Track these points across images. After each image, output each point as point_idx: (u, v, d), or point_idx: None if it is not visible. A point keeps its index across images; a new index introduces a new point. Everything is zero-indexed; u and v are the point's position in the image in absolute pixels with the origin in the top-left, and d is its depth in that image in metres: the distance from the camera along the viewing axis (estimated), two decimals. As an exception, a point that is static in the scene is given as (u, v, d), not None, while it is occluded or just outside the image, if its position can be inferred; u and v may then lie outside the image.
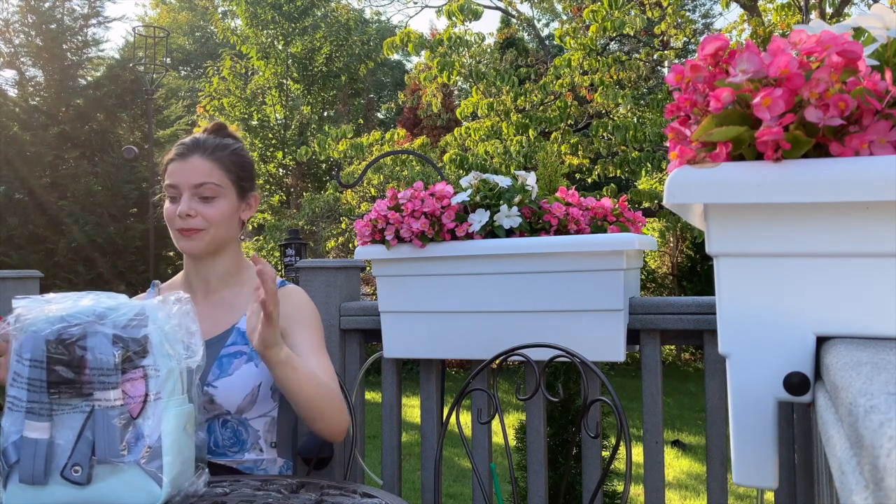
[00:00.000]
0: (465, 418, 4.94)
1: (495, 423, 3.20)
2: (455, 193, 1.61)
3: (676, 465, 5.09)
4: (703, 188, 0.74)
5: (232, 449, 1.41)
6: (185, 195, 1.41)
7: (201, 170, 1.41)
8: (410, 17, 45.95)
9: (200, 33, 20.24)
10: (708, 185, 0.73)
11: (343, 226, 9.08)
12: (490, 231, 1.56)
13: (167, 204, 1.45)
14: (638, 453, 3.93)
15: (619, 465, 2.85)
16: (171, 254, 8.52)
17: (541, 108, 6.62)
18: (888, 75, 0.68)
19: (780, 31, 6.79)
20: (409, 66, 18.43)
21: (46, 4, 8.81)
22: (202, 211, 1.41)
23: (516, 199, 1.57)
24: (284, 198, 12.84)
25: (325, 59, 13.11)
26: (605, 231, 1.59)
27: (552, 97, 6.60)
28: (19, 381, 1.00)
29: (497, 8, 11.53)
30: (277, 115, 13.05)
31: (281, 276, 1.58)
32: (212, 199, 1.42)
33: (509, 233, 1.56)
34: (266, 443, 1.43)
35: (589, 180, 7.10)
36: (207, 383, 1.38)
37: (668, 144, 0.86)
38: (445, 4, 6.49)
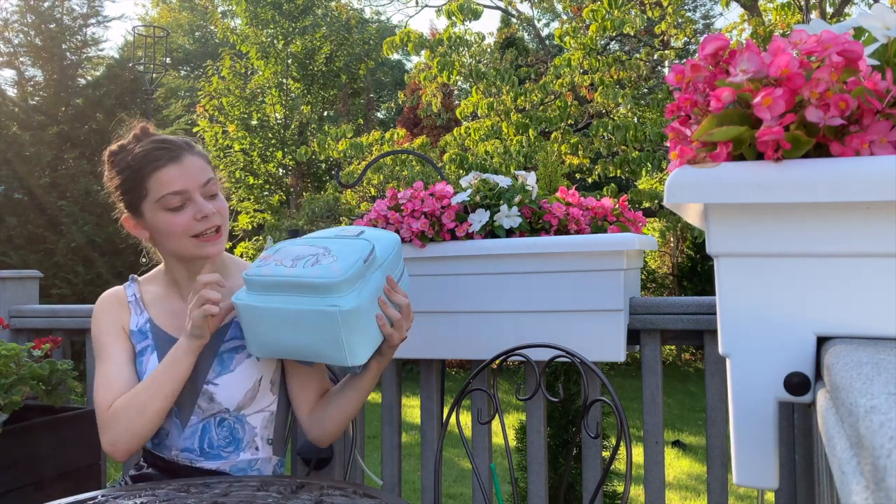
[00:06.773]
0: (465, 418, 4.94)
1: (495, 424, 3.20)
2: (455, 193, 1.61)
3: (677, 465, 5.09)
4: (703, 188, 0.74)
5: (227, 449, 1.36)
6: (196, 196, 1.33)
7: (200, 167, 1.35)
8: (410, 17, 45.96)
9: (200, 33, 20.23)
10: (708, 185, 0.73)
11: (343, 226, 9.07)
12: (490, 231, 1.56)
13: (169, 217, 1.33)
14: (638, 453, 3.93)
15: (620, 465, 2.85)
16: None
17: (541, 107, 6.62)
18: (889, 75, 0.68)
19: (781, 31, 6.79)
20: (409, 65, 18.45)
21: (46, 4, 8.81)
22: (217, 208, 1.36)
23: (516, 199, 1.57)
24: (284, 198, 12.83)
25: (324, 59, 13.11)
26: (605, 231, 1.59)
27: (552, 97, 6.60)
28: None
29: (497, 8, 11.52)
30: (277, 114, 13.05)
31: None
32: (216, 195, 1.38)
33: (509, 233, 1.56)
34: (262, 440, 1.39)
35: (589, 180, 7.10)
36: (208, 381, 1.34)
37: (668, 144, 0.86)
38: (445, 4, 6.49)
